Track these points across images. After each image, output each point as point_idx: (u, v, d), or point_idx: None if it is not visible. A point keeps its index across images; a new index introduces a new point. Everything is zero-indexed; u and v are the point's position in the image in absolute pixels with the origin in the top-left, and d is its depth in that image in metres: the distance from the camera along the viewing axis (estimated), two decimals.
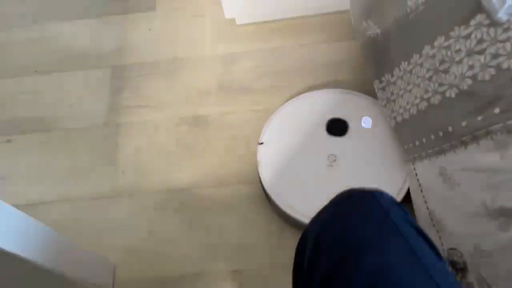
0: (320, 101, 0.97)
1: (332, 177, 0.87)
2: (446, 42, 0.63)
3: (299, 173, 0.88)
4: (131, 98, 1.09)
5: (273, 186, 0.87)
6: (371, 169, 0.87)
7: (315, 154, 0.90)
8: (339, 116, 0.93)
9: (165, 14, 1.23)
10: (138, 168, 1.00)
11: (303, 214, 0.83)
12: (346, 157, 0.89)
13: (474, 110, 0.58)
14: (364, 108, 0.94)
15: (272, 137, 0.94)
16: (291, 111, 0.97)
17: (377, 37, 0.83)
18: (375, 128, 0.92)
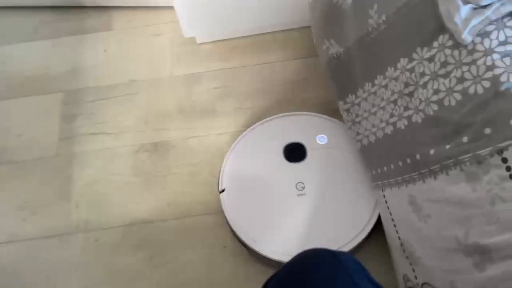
0: (276, 128, 0.92)
1: (303, 205, 0.82)
2: (410, 64, 0.60)
3: (269, 206, 0.83)
4: (85, 125, 1.02)
5: (243, 228, 0.81)
6: (341, 193, 0.83)
7: (282, 185, 0.84)
8: (296, 141, 0.88)
9: (121, 34, 1.16)
10: (94, 201, 0.93)
11: (272, 250, 0.78)
12: (313, 183, 0.84)
13: (441, 137, 0.55)
14: (322, 128, 0.90)
15: (233, 179, 0.87)
16: (246, 145, 0.91)
17: (340, 57, 0.80)
18: (335, 149, 0.88)
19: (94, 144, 0.99)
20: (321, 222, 0.79)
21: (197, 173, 0.94)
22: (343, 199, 0.82)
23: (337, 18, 0.78)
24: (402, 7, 0.61)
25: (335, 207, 0.81)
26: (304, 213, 0.80)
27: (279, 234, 0.79)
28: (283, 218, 0.81)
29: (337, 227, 0.79)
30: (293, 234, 0.79)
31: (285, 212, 0.81)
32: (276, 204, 0.82)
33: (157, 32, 1.15)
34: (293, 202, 0.82)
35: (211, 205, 0.90)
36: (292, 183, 0.84)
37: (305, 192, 0.83)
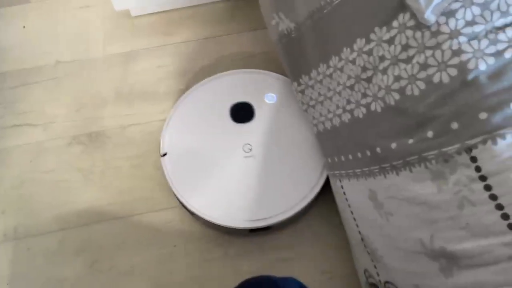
0: (222, 87, 0.86)
1: (251, 168, 0.78)
2: (367, 46, 0.53)
3: (215, 170, 0.78)
4: (5, 116, 0.89)
5: (191, 198, 0.76)
6: (289, 154, 0.79)
7: (228, 147, 0.79)
8: (243, 100, 0.83)
9: (42, 7, 1.01)
10: (22, 205, 0.82)
11: (220, 215, 0.75)
12: (261, 145, 0.79)
13: (403, 130, 0.49)
14: (271, 86, 0.85)
15: (176, 143, 0.81)
16: (191, 104, 0.84)
17: (291, 33, 0.72)
18: (285, 108, 0.83)
19: (18, 138, 0.87)
20: (269, 184, 0.76)
21: (140, 165, 0.85)
22: (292, 160, 0.78)
23: None
24: None
25: (284, 168, 0.78)
26: (252, 175, 0.77)
27: (226, 198, 0.76)
28: (230, 182, 0.77)
29: (286, 189, 0.76)
30: (240, 197, 0.75)
31: (232, 175, 0.77)
32: (222, 167, 0.78)
33: (85, 3, 1.01)
34: (240, 164, 0.78)
35: (157, 200, 0.82)
36: (239, 144, 0.79)
37: (253, 154, 0.78)
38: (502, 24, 0.44)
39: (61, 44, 0.96)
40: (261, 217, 0.74)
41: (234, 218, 0.74)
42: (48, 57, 0.95)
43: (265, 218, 0.74)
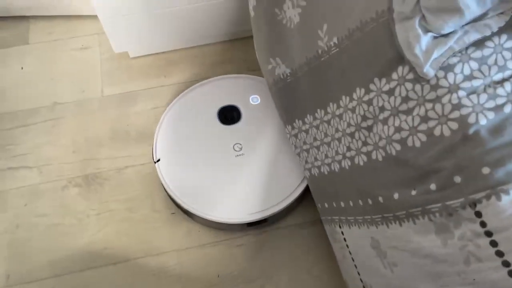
0: (208, 93, 0.91)
1: (243, 165, 0.82)
2: (367, 96, 0.54)
3: (208, 170, 0.82)
4: (1, 159, 0.88)
5: (188, 199, 0.79)
6: (276, 149, 0.84)
7: (219, 148, 0.84)
8: (229, 103, 0.88)
9: (41, 48, 1.02)
10: (16, 250, 0.80)
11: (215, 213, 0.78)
12: (250, 143, 0.84)
13: (406, 181, 0.49)
14: (255, 89, 0.91)
15: (168, 148, 0.84)
16: (180, 111, 0.88)
17: (286, 78, 0.73)
18: (270, 108, 0.86)
19: (13, 181, 0.86)
20: (261, 179, 0.81)
21: (136, 208, 0.84)
22: (281, 155, 0.83)
23: (282, 37, 0.71)
24: (355, 31, 0.55)
25: (273, 163, 0.82)
26: (245, 172, 0.81)
27: (220, 196, 0.79)
28: (223, 180, 0.81)
29: (278, 182, 0.81)
30: (232, 194, 0.80)
31: (226, 173, 0.81)
32: (215, 167, 0.82)
33: (83, 45, 1.02)
34: (231, 163, 0.82)
35: (154, 244, 0.81)
36: (229, 145, 0.84)
37: (243, 152, 0.83)
38: (500, 78, 0.45)
39: (59, 85, 0.97)
40: (257, 210, 0.78)
41: (232, 214, 0.78)
42: (46, 98, 0.95)
43: (261, 211, 0.78)
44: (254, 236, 0.82)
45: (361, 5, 0.54)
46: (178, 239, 0.81)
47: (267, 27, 0.73)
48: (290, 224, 0.83)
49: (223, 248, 0.81)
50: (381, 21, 0.51)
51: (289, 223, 0.83)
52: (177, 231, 0.82)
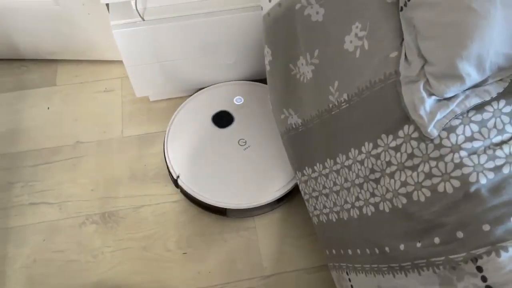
0: (198, 106, 0.99)
1: (250, 157, 0.92)
2: (375, 150, 0.58)
3: (223, 170, 0.90)
4: (23, 194, 0.92)
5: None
6: (273, 145, 0.93)
7: (226, 148, 0.92)
8: (219, 110, 0.97)
9: (67, 90, 1.08)
10: (31, 285, 0.82)
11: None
12: (252, 136, 0.94)
13: (411, 233, 0.52)
14: (239, 91, 1.00)
15: (182, 163, 0.90)
16: (178, 130, 0.95)
17: (298, 128, 0.77)
18: (255, 104, 0.98)
19: (34, 216, 0.90)
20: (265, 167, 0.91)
21: (150, 246, 0.87)
22: (276, 151, 0.92)
23: (295, 90, 0.76)
24: (364, 90, 0.59)
25: (273, 157, 0.92)
26: (252, 163, 0.91)
27: (243, 188, 0.88)
28: (235, 174, 0.90)
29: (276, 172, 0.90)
30: (254, 181, 0.89)
31: (237, 166, 0.91)
32: (228, 165, 0.91)
33: (107, 88, 1.09)
34: (242, 156, 0.92)
35: (165, 283, 0.83)
36: (234, 143, 0.92)
37: (249, 145, 0.92)
38: (499, 141, 0.48)
39: (82, 126, 1.02)
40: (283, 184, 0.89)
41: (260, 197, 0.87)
42: (69, 137, 1.00)
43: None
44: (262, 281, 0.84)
45: (370, 67, 0.59)
46: (189, 280, 0.83)
47: (281, 80, 0.78)
48: (297, 269, 0.85)
49: None
50: (389, 83, 0.56)
51: (295, 268, 0.85)
52: (188, 272, 0.84)
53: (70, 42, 1.06)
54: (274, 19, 0.74)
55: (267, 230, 0.89)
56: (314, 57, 0.69)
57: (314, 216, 0.77)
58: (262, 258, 0.86)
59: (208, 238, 0.88)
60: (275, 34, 0.75)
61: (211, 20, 0.86)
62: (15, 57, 1.11)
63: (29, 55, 1.11)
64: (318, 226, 0.76)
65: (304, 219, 0.90)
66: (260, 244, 0.87)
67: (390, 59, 0.56)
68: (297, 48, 0.72)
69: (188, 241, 0.87)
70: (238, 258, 0.86)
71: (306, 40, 0.70)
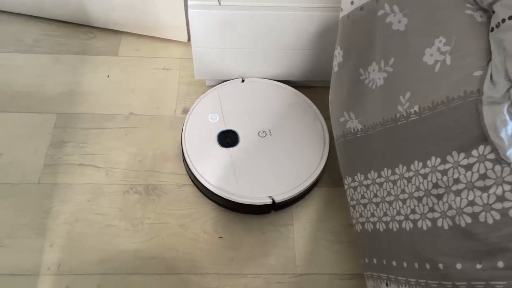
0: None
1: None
2: (442, 166, 0.57)
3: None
4: (74, 154, 0.95)
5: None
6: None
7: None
8: (227, 129, 0.94)
9: (127, 62, 1.11)
10: (71, 242, 0.85)
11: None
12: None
13: (472, 254, 0.51)
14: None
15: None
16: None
17: (356, 133, 0.77)
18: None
19: (81, 177, 0.92)
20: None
21: (188, 226, 0.88)
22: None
23: (361, 95, 0.76)
24: (439, 105, 0.59)
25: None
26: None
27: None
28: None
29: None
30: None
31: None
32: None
33: (166, 66, 1.11)
34: (261, 143, 0.92)
35: (199, 264, 0.84)
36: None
37: (270, 137, 0.92)
38: None
39: (138, 98, 1.04)
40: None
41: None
42: (124, 107, 1.02)
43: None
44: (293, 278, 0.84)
45: (449, 82, 0.58)
46: (222, 264, 0.84)
47: (347, 84, 0.78)
48: (330, 273, 0.85)
49: (262, 282, 0.83)
50: (468, 101, 0.55)
51: (328, 271, 0.85)
52: (222, 256, 0.85)
53: (139, 16, 1.09)
54: (353, 21, 0.74)
55: (304, 230, 0.89)
56: (388, 65, 0.69)
57: (358, 223, 0.76)
58: (296, 257, 0.86)
59: (245, 227, 0.88)
60: (351, 37, 0.75)
61: (286, 14, 0.86)
62: (84, 23, 1.15)
63: (97, 23, 1.14)
64: (361, 233, 0.76)
65: (342, 224, 0.90)
66: (296, 243, 0.87)
67: (473, 77, 0.56)
68: (372, 54, 0.72)
69: (225, 227, 0.88)
70: (272, 252, 0.86)
71: (383, 47, 0.70)
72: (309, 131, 0.95)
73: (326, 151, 0.93)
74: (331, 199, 0.93)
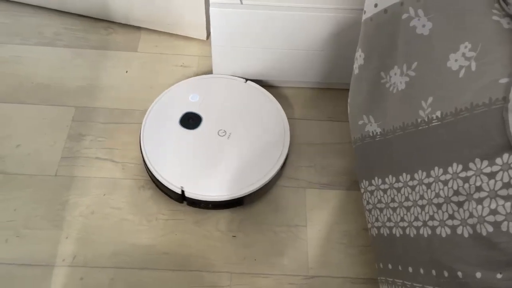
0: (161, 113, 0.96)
1: (231, 145, 0.92)
2: (464, 173, 0.57)
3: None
4: (91, 148, 0.96)
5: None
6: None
7: (206, 137, 0.92)
8: (185, 111, 0.95)
9: (146, 58, 1.12)
10: (86, 235, 0.85)
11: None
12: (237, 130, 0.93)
13: (492, 263, 0.51)
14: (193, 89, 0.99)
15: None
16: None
17: (375, 136, 0.76)
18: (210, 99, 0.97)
19: (98, 170, 0.93)
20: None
21: (202, 223, 0.88)
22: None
23: (381, 98, 0.75)
24: (463, 111, 0.58)
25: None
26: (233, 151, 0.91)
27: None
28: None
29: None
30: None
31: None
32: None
33: (184, 63, 1.11)
34: (223, 144, 0.92)
35: (211, 262, 0.84)
36: (215, 132, 0.92)
37: (230, 135, 0.92)
38: None
39: (156, 94, 1.04)
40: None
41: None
42: (142, 103, 1.03)
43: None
44: (305, 280, 0.84)
45: (473, 89, 0.58)
46: (234, 263, 0.84)
47: (368, 87, 0.78)
48: (342, 276, 0.84)
49: (274, 282, 0.83)
50: (493, 108, 0.54)
51: (341, 275, 0.84)
52: (235, 255, 0.85)
53: (159, 13, 1.10)
54: (376, 24, 0.74)
55: (317, 232, 0.89)
56: (411, 69, 0.68)
57: (374, 228, 0.76)
58: (309, 259, 0.85)
59: (259, 227, 0.88)
60: (373, 40, 0.75)
61: (308, 15, 0.86)
62: (105, 18, 1.16)
63: (118, 18, 1.15)
64: (377, 238, 0.75)
65: (356, 228, 0.89)
66: (309, 245, 0.87)
67: (498, 84, 0.55)
68: (394, 57, 0.72)
69: (239, 226, 0.88)
70: (285, 252, 0.86)
71: (406, 51, 0.69)
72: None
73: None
74: (346, 202, 0.93)
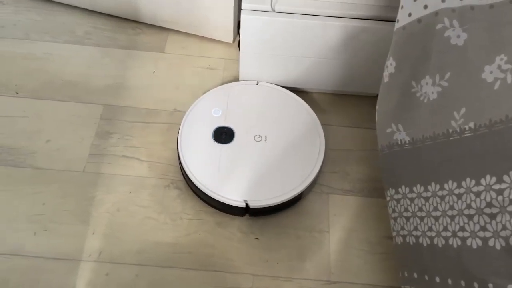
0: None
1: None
2: (498, 185, 0.57)
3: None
4: (119, 146, 0.98)
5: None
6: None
7: (243, 139, 0.93)
8: (219, 125, 0.94)
9: (173, 59, 1.13)
10: (112, 231, 0.87)
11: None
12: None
13: None
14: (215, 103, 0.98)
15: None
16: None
17: (403, 145, 0.77)
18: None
19: (125, 168, 0.94)
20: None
21: (225, 224, 0.89)
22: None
23: (411, 107, 0.76)
24: (498, 123, 0.58)
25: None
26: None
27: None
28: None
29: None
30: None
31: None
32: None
33: (210, 65, 1.13)
34: (256, 147, 0.92)
35: (235, 263, 0.85)
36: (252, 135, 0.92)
37: (266, 141, 0.92)
38: None
39: (182, 95, 1.06)
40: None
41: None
42: (168, 103, 1.05)
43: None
44: (326, 285, 0.84)
45: (509, 101, 0.58)
46: (257, 265, 0.85)
47: (398, 95, 0.78)
48: (364, 283, 0.85)
49: (296, 286, 0.83)
50: None
51: (362, 281, 0.85)
52: (257, 257, 0.86)
53: (187, 14, 1.11)
54: (409, 34, 0.74)
55: (339, 238, 0.89)
56: (443, 79, 0.68)
57: (400, 236, 0.76)
58: (331, 264, 0.86)
59: (282, 230, 0.89)
60: (406, 49, 0.75)
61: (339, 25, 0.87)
62: (133, 18, 1.18)
63: (145, 19, 1.17)
64: (402, 246, 0.75)
65: (378, 236, 0.90)
66: (331, 250, 0.87)
67: None
68: (426, 67, 0.72)
69: (262, 228, 0.89)
70: (307, 257, 0.86)
71: (439, 61, 0.69)
72: (306, 146, 0.93)
73: (316, 170, 0.90)
74: (367, 208, 0.93)
